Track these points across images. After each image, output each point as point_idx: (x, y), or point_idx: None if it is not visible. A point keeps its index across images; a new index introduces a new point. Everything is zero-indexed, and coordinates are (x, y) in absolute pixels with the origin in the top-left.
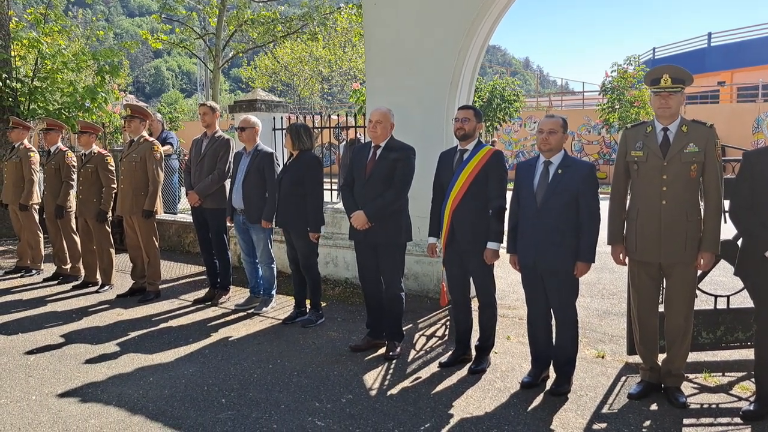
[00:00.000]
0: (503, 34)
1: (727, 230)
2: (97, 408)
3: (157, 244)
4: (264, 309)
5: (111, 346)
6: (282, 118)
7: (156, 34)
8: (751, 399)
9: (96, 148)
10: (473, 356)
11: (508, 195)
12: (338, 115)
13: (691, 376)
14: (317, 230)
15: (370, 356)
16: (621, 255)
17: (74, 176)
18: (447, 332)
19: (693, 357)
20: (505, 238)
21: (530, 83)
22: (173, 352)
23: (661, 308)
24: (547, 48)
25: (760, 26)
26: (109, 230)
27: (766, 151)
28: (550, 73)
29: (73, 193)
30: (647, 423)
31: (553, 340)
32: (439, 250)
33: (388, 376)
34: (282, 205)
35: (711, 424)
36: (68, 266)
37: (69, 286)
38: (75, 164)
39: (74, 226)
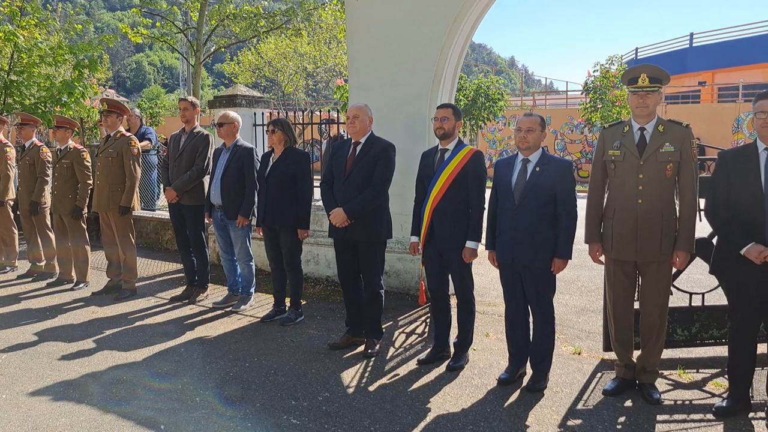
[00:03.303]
0: (489, 33)
1: (703, 228)
2: (68, 407)
3: (133, 241)
4: (242, 307)
5: (85, 344)
6: (263, 113)
7: (136, 28)
8: (725, 395)
9: (72, 143)
10: (452, 353)
11: (487, 193)
12: (320, 112)
13: (665, 372)
14: (307, 227)
15: (349, 354)
16: (597, 253)
17: (49, 172)
18: (427, 329)
19: (668, 354)
20: (484, 235)
21: (515, 82)
22: (148, 350)
23: (636, 306)
24: (532, 47)
25: (741, 27)
26: (85, 227)
27: (742, 150)
28: (535, 72)
29: (48, 188)
30: (621, 419)
31: (531, 336)
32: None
33: (366, 374)
34: (271, 203)
35: (684, 420)
36: (43, 263)
37: (43, 283)
38: (50, 160)
39: (49, 223)
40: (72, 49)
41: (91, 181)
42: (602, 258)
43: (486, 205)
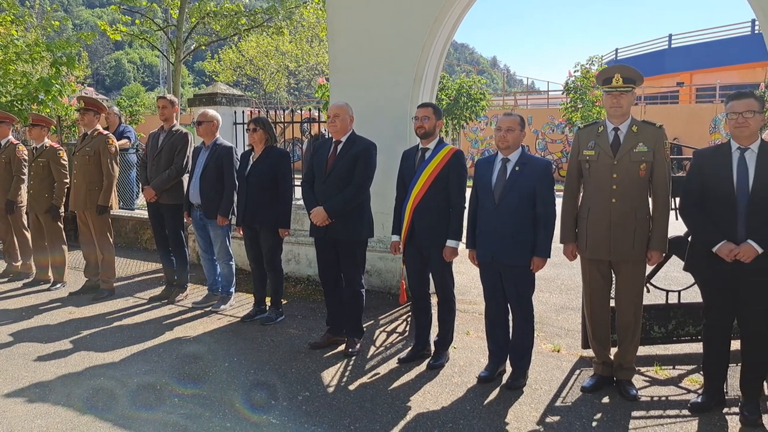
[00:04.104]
0: (471, 33)
1: (679, 227)
2: (44, 408)
3: (111, 240)
4: (222, 307)
5: (61, 345)
6: (243, 112)
7: (115, 25)
8: (700, 391)
9: (48, 141)
10: (432, 351)
11: (468, 192)
12: (302, 110)
13: (643, 369)
14: (288, 226)
15: (330, 353)
16: (571, 253)
17: (25, 170)
18: (408, 328)
19: (645, 350)
20: (465, 233)
21: (497, 82)
22: (126, 351)
23: (612, 304)
24: (514, 47)
25: (719, 29)
26: (62, 226)
27: (716, 150)
28: (516, 72)
29: (24, 187)
30: (598, 415)
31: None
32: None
33: (347, 373)
34: (251, 202)
35: (660, 416)
36: (19, 263)
37: (20, 283)
38: (26, 158)
39: (25, 222)
40: (49, 46)
41: (67, 180)
42: (575, 257)
43: (466, 204)
